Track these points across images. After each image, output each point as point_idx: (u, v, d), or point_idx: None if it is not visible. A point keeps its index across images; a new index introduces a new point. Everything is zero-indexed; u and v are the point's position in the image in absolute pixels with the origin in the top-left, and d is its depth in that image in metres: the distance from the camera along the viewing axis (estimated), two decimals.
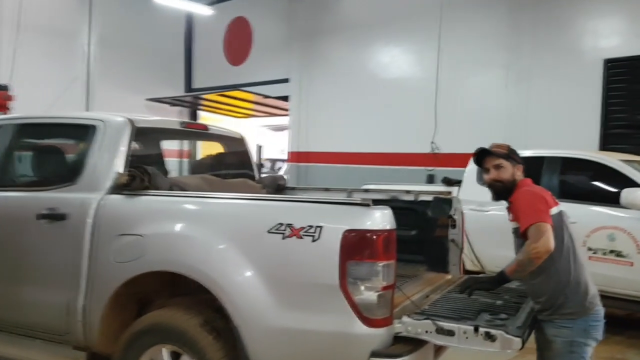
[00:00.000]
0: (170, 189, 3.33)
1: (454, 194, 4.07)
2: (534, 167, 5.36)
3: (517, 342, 2.42)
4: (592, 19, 8.16)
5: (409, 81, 10.06)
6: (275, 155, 16.42)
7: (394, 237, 2.53)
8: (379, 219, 2.51)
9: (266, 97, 11.65)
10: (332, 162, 11.11)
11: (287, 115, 12.21)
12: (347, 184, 4.79)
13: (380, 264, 2.48)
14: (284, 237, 2.56)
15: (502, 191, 2.97)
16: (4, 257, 3.42)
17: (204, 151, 8.82)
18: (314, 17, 11.47)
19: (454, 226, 3.82)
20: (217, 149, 4.63)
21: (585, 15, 8.21)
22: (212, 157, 4.71)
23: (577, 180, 5.90)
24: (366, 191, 4.39)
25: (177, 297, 3.07)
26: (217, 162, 4.56)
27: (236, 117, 14.13)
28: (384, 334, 2.52)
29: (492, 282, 2.91)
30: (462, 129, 8.97)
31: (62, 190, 3.32)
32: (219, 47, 13.58)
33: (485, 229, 5.42)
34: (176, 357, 2.81)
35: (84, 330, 3.08)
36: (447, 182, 6.85)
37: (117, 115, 3.43)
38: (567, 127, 8.08)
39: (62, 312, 3.13)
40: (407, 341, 2.56)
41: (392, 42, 10.40)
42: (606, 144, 7.75)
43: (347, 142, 10.93)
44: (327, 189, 4.44)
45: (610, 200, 5.22)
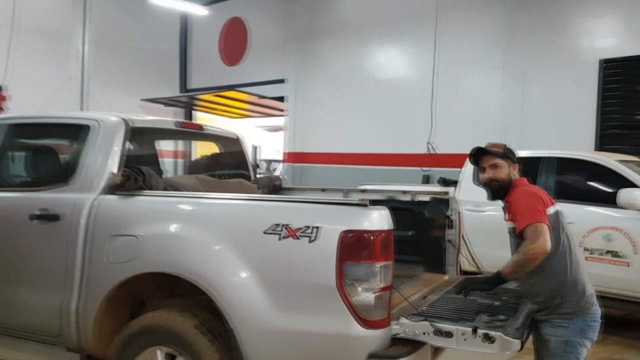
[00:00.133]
0: (165, 189, 3.30)
1: (451, 194, 4.05)
2: (530, 167, 5.36)
3: (516, 343, 2.40)
4: (588, 19, 8.17)
5: (406, 82, 10.06)
6: (270, 156, 16.38)
7: (392, 238, 2.51)
8: (377, 220, 2.49)
9: (262, 97, 11.62)
10: (328, 163, 11.09)
11: (283, 115, 12.19)
12: (343, 185, 4.76)
13: (378, 264, 2.46)
14: (281, 237, 2.54)
15: (499, 191, 2.95)
16: None
17: (199, 151, 8.77)
18: (310, 18, 11.46)
19: (451, 226, 3.80)
20: (212, 149, 4.60)
21: (581, 16, 8.22)
22: (207, 158, 4.67)
23: (573, 180, 5.89)
24: (363, 191, 4.37)
25: (172, 298, 3.05)
26: (213, 163, 4.54)
27: (232, 117, 14.09)
28: (381, 336, 2.50)
29: (489, 283, 2.89)
30: (459, 129, 8.96)
31: (55, 190, 3.29)
32: (214, 47, 13.54)
33: (481, 230, 5.41)
34: (171, 359, 2.78)
35: (78, 332, 3.05)
36: (444, 182, 6.84)
37: (112, 114, 3.40)
38: (563, 127, 8.08)
39: (55, 313, 3.10)
40: (405, 343, 2.54)
41: (389, 42, 10.39)
42: (602, 145, 7.75)
43: (343, 143, 10.91)
44: (323, 190, 4.42)
45: (607, 200, 5.22)
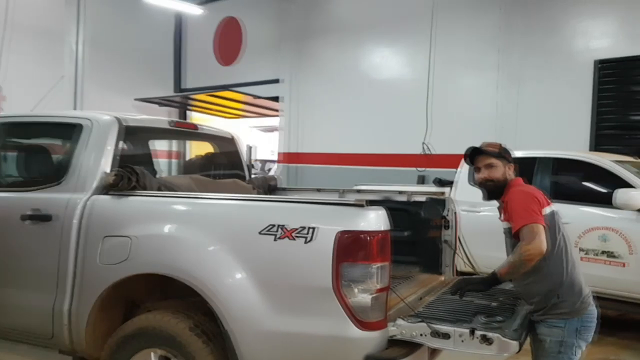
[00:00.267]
0: (159, 189, 3.28)
1: (447, 195, 4.03)
2: (526, 167, 5.35)
3: (514, 345, 2.38)
4: (583, 20, 8.18)
5: (401, 82, 10.04)
6: (265, 156, 16.35)
7: (388, 239, 2.49)
8: (374, 220, 2.47)
9: (256, 97, 11.58)
10: (323, 163, 11.06)
11: (278, 116, 12.15)
12: (338, 185, 4.74)
13: (374, 265, 2.43)
14: (276, 238, 2.51)
15: (494, 191, 2.94)
16: None
17: (193, 151, 8.73)
18: (305, 18, 11.43)
19: (447, 227, 3.78)
20: (207, 149, 4.56)
21: (576, 16, 8.22)
22: (202, 157, 4.64)
23: (569, 181, 5.88)
24: (358, 192, 4.34)
25: (166, 300, 3.02)
26: (207, 162, 4.50)
27: (226, 117, 14.04)
28: (378, 337, 2.47)
29: (484, 284, 2.87)
30: (454, 129, 8.95)
31: (47, 190, 3.26)
32: (209, 47, 13.49)
33: (477, 230, 5.39)
34: None
35: (71, 334, 3.03)
36: (439, 183, 6.83)
37: (105, 113, 3.37)
38: (559, 128, 8.08)
39: (47, 315, 3.07)
40: (402, 344, 2.52)
41: (384, 43, 10.37)
42: (597, 145, 7.76)
43: (338, 143, 10.89)
44: (319, 190, 4.39)
45: (602, 201, 5.21)
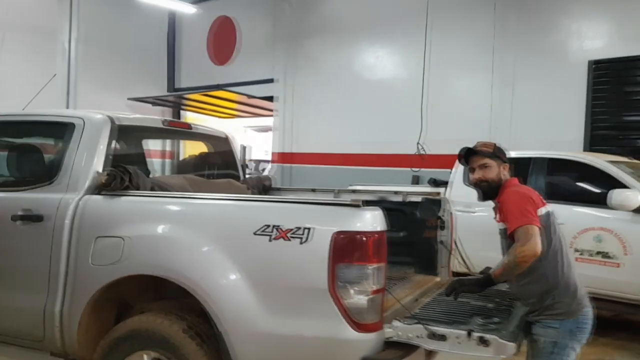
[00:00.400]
0: (152, 189, 3.24)
1: (443, 195, 4.01)
2: (521, 168, 5.35)
3: (512, 346, 2.36)
4: (577, 20, 8.19)
5: (395, 82, 10.03)
6: (259, 156, 16.31)
7: (385, 239, 2.46)
8: (370, 220, 2.44)
9: (251, 97, 11.54)
10: (317, 163, 11.04)
11: (272, 115, 12.11)
12: (332, 185, 4.71)
13: (370, 266, 2.41)
14: (271, 239, 2.49)
15: (489, 191, 2.93)
16: None
17: (187, 151, 8.69)
18: (299, 17, 11.40)
19: (442, 227, 3.76)
20: (201, 148, 4.53)
21: (570, 17, 8.23)
22: (196, 157, 4.61)
23: (564, 181, 5.89)
24: (354, 192, 4.32)
25: (160, 301, 2.99)
26: (201, 162, 4.47)
27: (220, 117, 13.99)
28: (374, 339, 2.45)
29: (478, 285, 2.86)
30: (449, 130, 8.95)
31: (38, 190, 3.22)
32: (203, 46, 13.44)
33: (472, 231, 5.37)
34: None
35: (62, 336, 2.99)
36: (434, 183, 6.83)
37: (97, 112, 3.33)
38: (553, 128, 8.09)
39: (38, 317, 3.04)
40: (398, 346, 2.49)
41: (379, 42, 10.36)
42: (591, 145, 7.77)
43: (332, 143, 10.87)
44: (314, 190, 4.36)
45: (597, 201, 5.21)
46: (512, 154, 4.80)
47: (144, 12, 12.23)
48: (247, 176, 4.73)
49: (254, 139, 16.73)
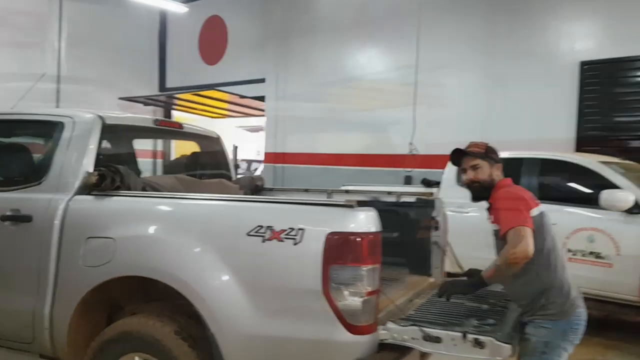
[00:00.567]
0: (143, 189, 3.21)
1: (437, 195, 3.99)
2: (512, 168, 5.34)
3: (507, 348, 2.34)
4: (567, 22, 8.21)
5: (387, 82, 10.01)
6: (251, 156, 16.27)
7: (379, 240, 2.44)
8: (364, 221, 2.42)
9: (242, 97, 11.49)
10: (309, 163, 11.00)
11: (263, 115, 12.07)
12: (324, 185, 4.68)
13: (364, 268, 2.38)
14: (264, 240, 2.46)
15: (481, 192, 2.92)
16: None
17: (178, 151, 8.63)
18: (290, 17, 11.37)
19: (437, 228, 3.74)
20: (192, 148, 4.50)
21: (560, 18, 8.25)
22: (187, 157, 4.57)
23: (556, 181, 5.90)
24: (346, 192, 4.29)
25: (150, 303, 2.95)
26: (193, 162, 4.44)
27: (211, 117, 13.93)
28: (368, 341, 2.42)
29: (469, 287, 2.85)
30: (440, 130, 8.95)
31: (27, 190, 3.18)
32: (193, 45, 13.38)
33: (464, 231, 5.36)
34: None
35: (52, 338, 2.96)
36: (426, 183, 6.82)
37: (87, 111, 3.29)
38: (543, 128, 8.10)
39: (27, 319, 3.00)
40: (392, 348, 2.48)
41: (370, 42, 10.34)
42: (581, 146, 7.79)
43: (323, 143, 10.84)
44: (306, 190, 4.34)
45: (589, 202, 5.23)
46: (504, 155, 4.81)
47: (134, 11, 12.16)
48: (239, 176, 4.70)
49: (245, 139, 16.69)
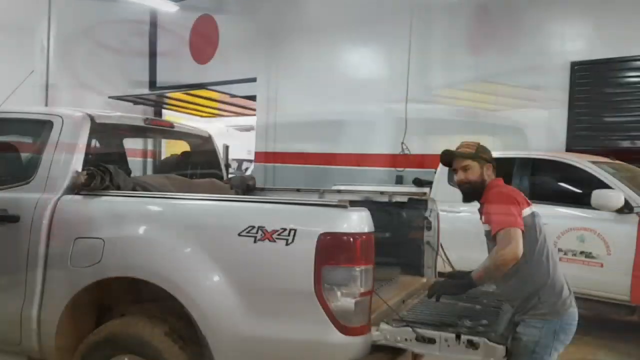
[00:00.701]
0: (133, 189, 3.18)
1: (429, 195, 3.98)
2: (504, 168, 5.35)
3: (501, 349, 2.34)
4: (558, 22, 8.23)
5: (379, 82, 10.01)
6: (242, 155, 16.22)
7: (372, 241, 2.42)
8: (357, 222, 2.40)
9: (233, 96, 11.46)
10: (300, 163, 10.98)
11: (255, 115, 12.04)
12: (315, 185, 4.68)
13: (357, 268, 2.37)
14: (256, 240, 2.44)
15: (472, 192, 2.91)
16: None
17: (169, 150, 8.58)
18: (281, 16, 11.34)
19: (429, 228, 3.73)
20: (183, 147, 4.46)
21: (552, 19, 8.27)
22: (177, 156, 4.54)
23: (547, 181, 5.91)
24: (338, 192, 4.28)
25: (141, 303, 2.91)
26: (183, 162, 4.40)
27: (202, 116, 13.89)
28: (361, 343, 2.41)
29: (459, 288, 2.82)
30: (432, 129, 8.96)
31: (15, 190, 3.14)
32: (184, 44, 13.32)
33: (456, 231, 5.36)
34: None
35: (39, 340, 2.92)
36: (418, 183, 6.82)
37: (76, 110, 3.26)
38: (534, 128, 8.13)
39: (15, 320, 2.96)
40: (385, 349, 2.46)
41: (361, 42, 10.34)
42: (572, 146, 7.82)
43: (315, 143, 10.82)
44: (298, 190, 4.31)
45: (580, 201, 5.24)
46: (495, 154, 4.81)
47: (124, 9, 12.08)
48: (230, 176, 4.67)
49: (237, 139, 16.64)
